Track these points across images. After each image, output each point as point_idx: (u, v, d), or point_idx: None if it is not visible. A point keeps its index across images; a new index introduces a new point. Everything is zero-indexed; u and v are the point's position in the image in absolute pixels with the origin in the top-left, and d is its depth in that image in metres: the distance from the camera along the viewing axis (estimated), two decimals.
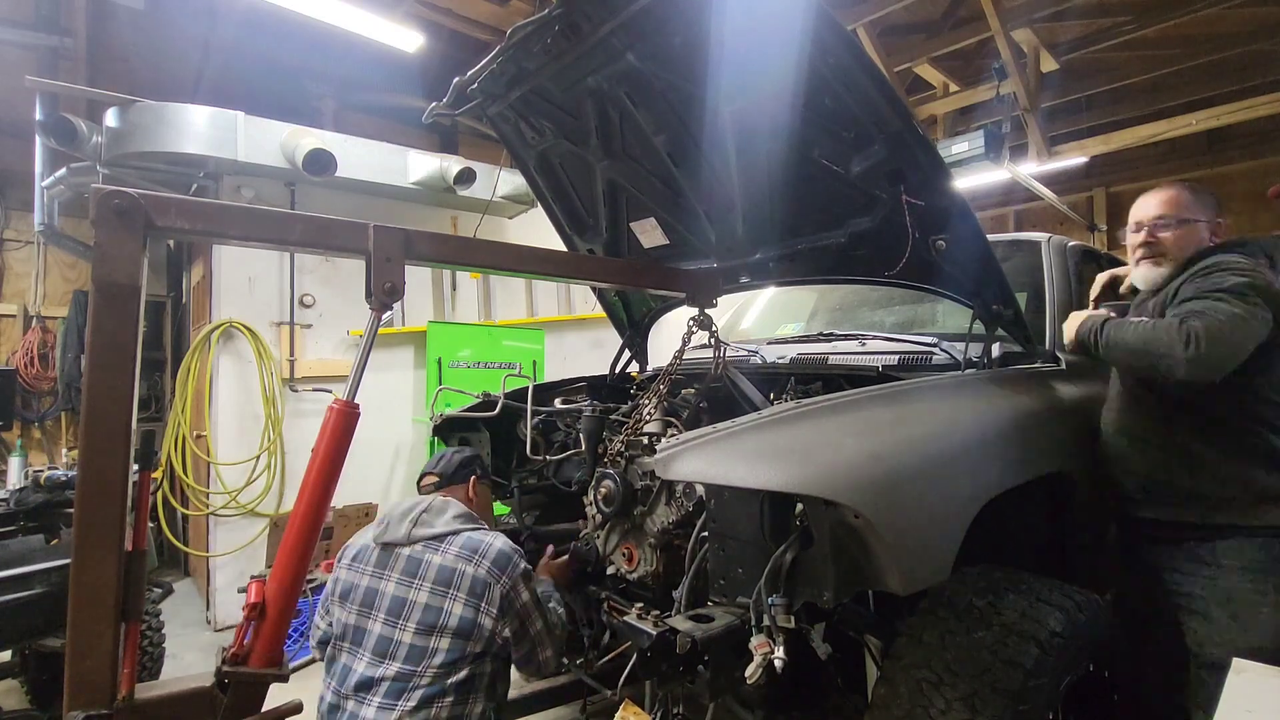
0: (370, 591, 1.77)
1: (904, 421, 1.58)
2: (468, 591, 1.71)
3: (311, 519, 1.56)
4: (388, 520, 1.86)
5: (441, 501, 1.90)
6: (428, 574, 1.74)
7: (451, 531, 1.81)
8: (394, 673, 1.66)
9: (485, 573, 1.73)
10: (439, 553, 1.76)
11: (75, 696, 1.28)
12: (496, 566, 1.74)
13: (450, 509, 1.88)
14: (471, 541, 1.78)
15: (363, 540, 1.90)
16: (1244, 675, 1.25)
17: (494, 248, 1.96)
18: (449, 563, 1.74)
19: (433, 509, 1.86)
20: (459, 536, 1.80)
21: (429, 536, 1.79)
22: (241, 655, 1.53)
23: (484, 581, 1.72)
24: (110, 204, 1.26)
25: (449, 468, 2.06)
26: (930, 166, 1.82)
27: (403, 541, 1.79)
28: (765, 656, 1.25)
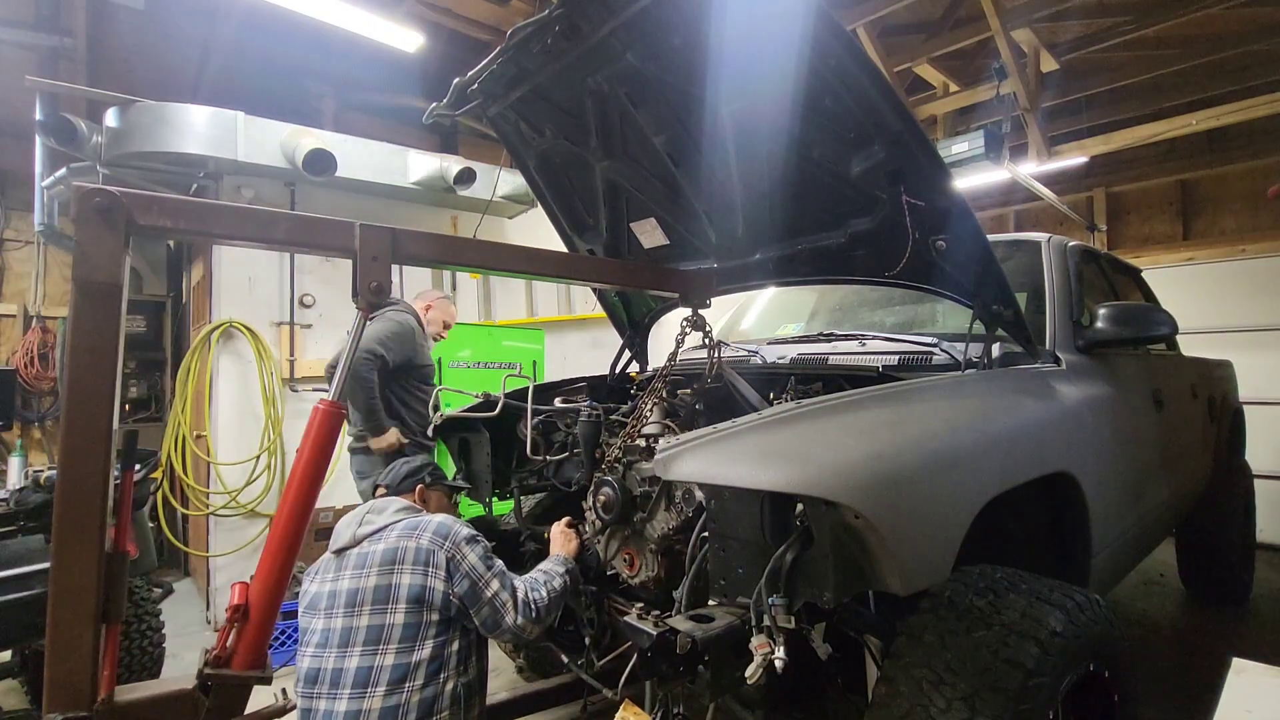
0: (329, 594, 1.82)
1: (904, 422, 1.58)
2: (412, 561, 1.77)
3: (297, 520, 1.56)
4: (337, 531, 1.94)
5: (384, 501, 2.00)
6: (374, 560, 1.79)
7: (394, 522, 1.89)
8: (358, 659, 1.69)
9: (427, 542, 1.80)
10: (381, 540, 1.84)
11: (54, 698, 1.28)
12: (438, 535, 1.81)
13: (392, 505, 1.96)
14: (411, 522, 1.87)
15: (322, 559, 1.97)
16: (1244, 675, 1.25)
17: (485, 247, 1.95)
18: (391, 544, 1.81)
19: (375, 509, 1.95)
20: (399, 524, 1.88)
21: (371, 532, 1.87)
22: (224, 657, 1.53)
23: (426, 549, 1.78)
24: (92, 202, 1.26)
25: (395, 479, 2.15)
26: (930, 167, 1.82)
27: (350, 544, 1.87)
28: (765, 656, 1.25)
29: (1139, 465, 2.49)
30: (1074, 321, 2.42)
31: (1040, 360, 2.17)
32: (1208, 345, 4.64)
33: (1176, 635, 3.85)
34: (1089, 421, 2.10)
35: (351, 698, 1.65)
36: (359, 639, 1.71)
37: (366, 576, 1.78)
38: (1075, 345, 2.35)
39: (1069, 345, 2.33)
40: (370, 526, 1.88)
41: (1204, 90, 5.89)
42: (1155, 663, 3.39)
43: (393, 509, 1.94)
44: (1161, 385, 2.84)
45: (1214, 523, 3.79)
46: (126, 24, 5.53)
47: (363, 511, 1.94)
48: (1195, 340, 4.68)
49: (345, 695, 1.66)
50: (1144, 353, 2.95)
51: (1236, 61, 5.70)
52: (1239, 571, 4.05)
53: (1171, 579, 4.40)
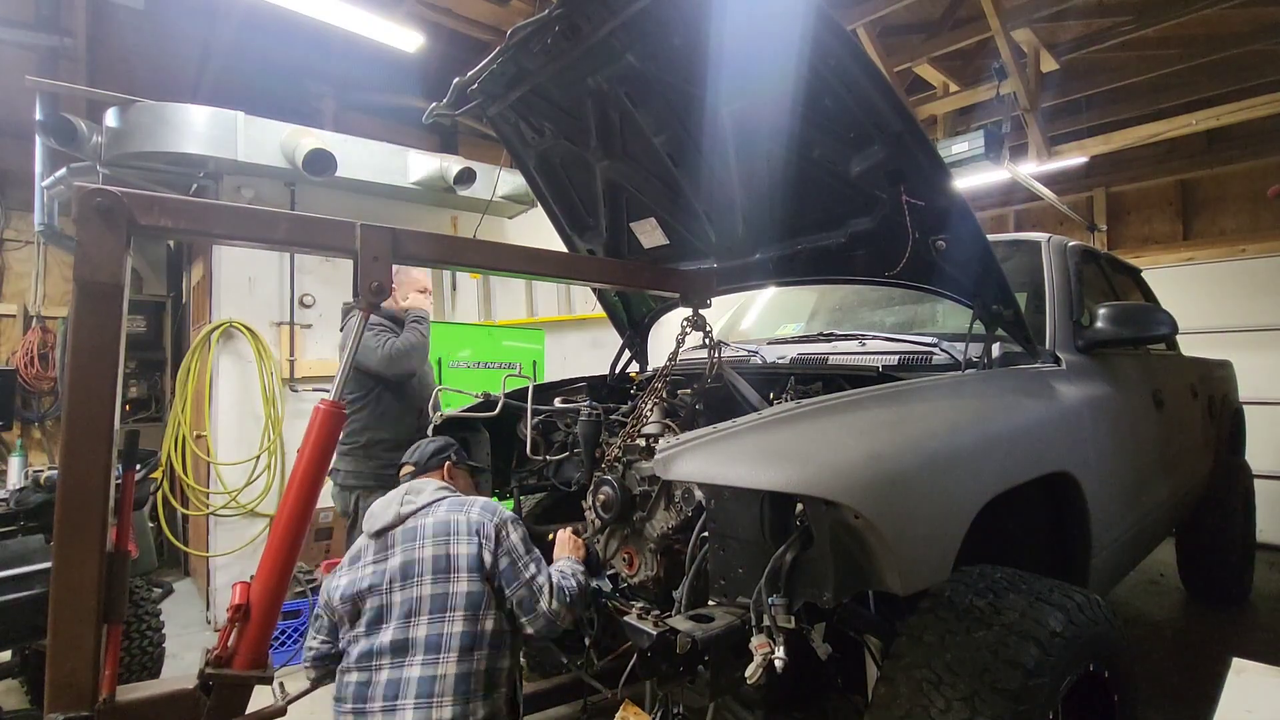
0: (378, 573, 1.81)
1: (904, 421, 1.58)
2: (466, 532, 1.81)
3: (298, 520, 1.56)
4: (373, 514, 1.92)
5: (421, 481, 2.01)
6: (425, 533, 1.82)
7: (438, 499, 1.92)
8: (425, 628, 1.70)
9: (477, 514, 1.85)
10: (430, 514, 1.86)
11: (56, 698, 1.28)
12: (485, 510, 1.87)
13: (430, 484, 1.98)
14: (458, 500, 1.92)
15: (357, 545, 1.94)
16: (1244, 675, 1.25)
17: (484, 247, 1.95)
18: (442, 517, 1.85)
19: (413, 489, 1.96)
20: (445, 500, 1.91)
21: (416, 509, 1.88)
22: (225, 657, 1.53)
23: (477, 521, 1.83)
24: (93, 202, 1.26)
25: (423, 456, 2.14)
26: (930, 167, 1.82)
27: (394, 523, 1.87)
28: (765, 656, 1.25)
29: (1139, 465, 2.49)
30: (1074, 321, 2.42)
31: (1040, 360, 2.17)
32: (1208, 345, 4.64)
33: (1176, 635, 3.85)
34: (1089, 421, 2.10)
35: (425, 663, 1.67)
36: (424, 608, 1.73)
37: (421, 548, 1.79)
38: (1075, 345, 2.35)
39: (1069, 345, 2.33)
40: (413, 505, 1.89)
41: (1204, 90, 5.89)
42: (1155, 663, 3.39)
43: (432, 488, 1.96)
44: (1161, 385, 2.84)
45: (1214, 523, 3.78)
46: (126, 24, 5.53)
47: (400, 492, 1.95)
48: (1195, 340, 4.68)
49: (418, 661, 1.68)
50: (1144, 353, 2.95)
51: (1236, 61, 5.70)
52: (1239, 571, 4.05)
53: (1171, 579, 4.40)
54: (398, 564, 1.79)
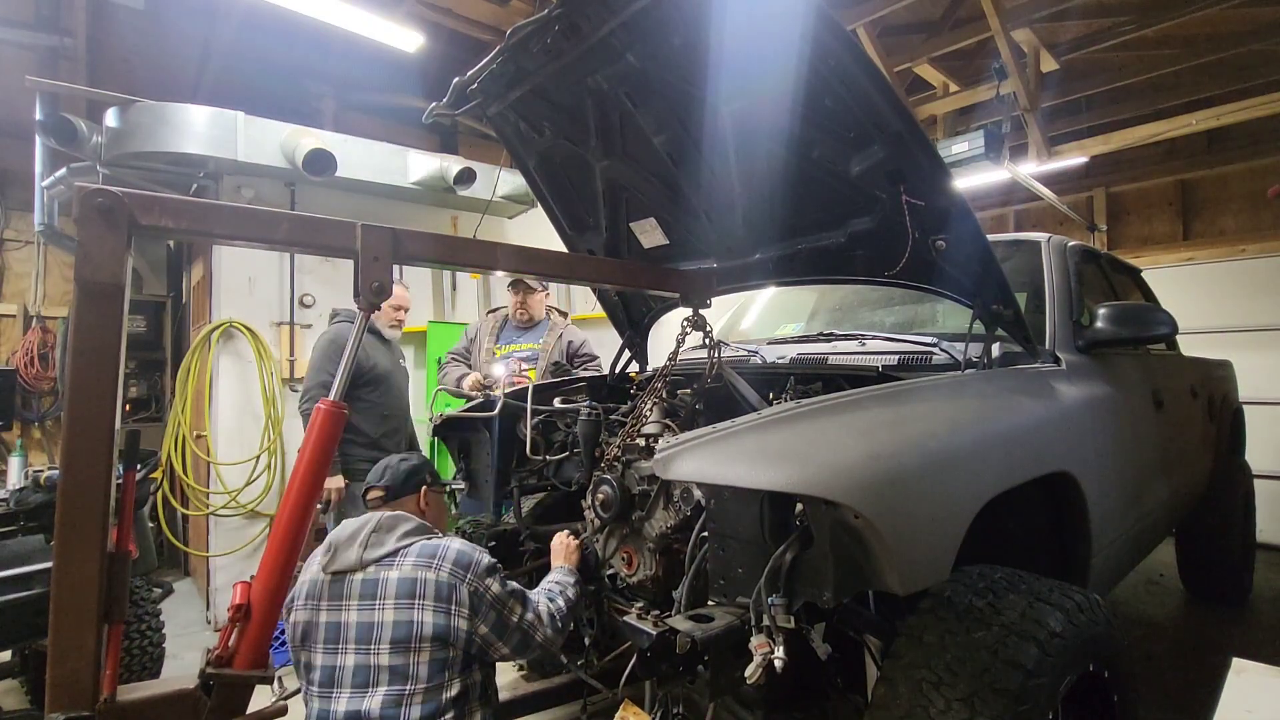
0: (332, 626, 1.67)
1: (904, 421, 1.58)
2: (433, 598, 1.64)
3: (298, 520, 1.56)
4: (334, 547, 1.74)
5: (390, 517, 1.80)
6: (388, 591, 1.65)
7: (405, 545, 1.73)
8: (381, 699, 1.58)
9: (448, 575, 1.67)
10: (395, 568, 1.68)
11: (57, 698, 1.28)
12: (459, 567, 1.68)
13: (400, 524, 1.78)
14: (428, 548, 1.72)
15: (310, 574, 1.78)
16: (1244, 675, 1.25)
17: (486, 247, 1.95)
18: (407, 574, 1.67)
19: (381, 527, 1.76)
20: (413, 547, 1.72)
21: (382, 556, 1.70)
22: (226, 657, 1.53)
23: (448, 584, 1.66)
24: (94, 202, 1.26)
25: (396, 479, 1.96)
26: (930, 167, 1.82)
27: (355, 567, 1.70)
28: (765, 656, 1.25)
29: (1139, 465, 2.49)
30: (1074, 321, 2.42)
31: (1040, 360, 2.17)
32: (1208, 345, 4.64)
33: (1176, 635, 3.85)
34: (1089, 421, 2.10)
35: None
36: (382, 679, 1.60)
37: (382, 610, 1.64)
38: (1075, 345, 2.36)
39: (1069, 345, 2.33)
40: (379, 550, 1.71)
41: (1204, 90, 5.89)
42: (1155, 663, 3.39)
43: (401, 530, 1.76)
44: (1161, 385, 2.84)
45: (1214, 523, 3.78)
46: (126, 24, 5.53)
47: (366, 530, 1.74)
48: (1195, 340, 4.68)
49: None
50: (1144, 353, 2.95)
51: (1236, 61, 5.70)
52: (1239, 571, 4.05)
53: (1171, 579, 4.40)
54: (354, 623, 1.65)
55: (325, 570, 1.73)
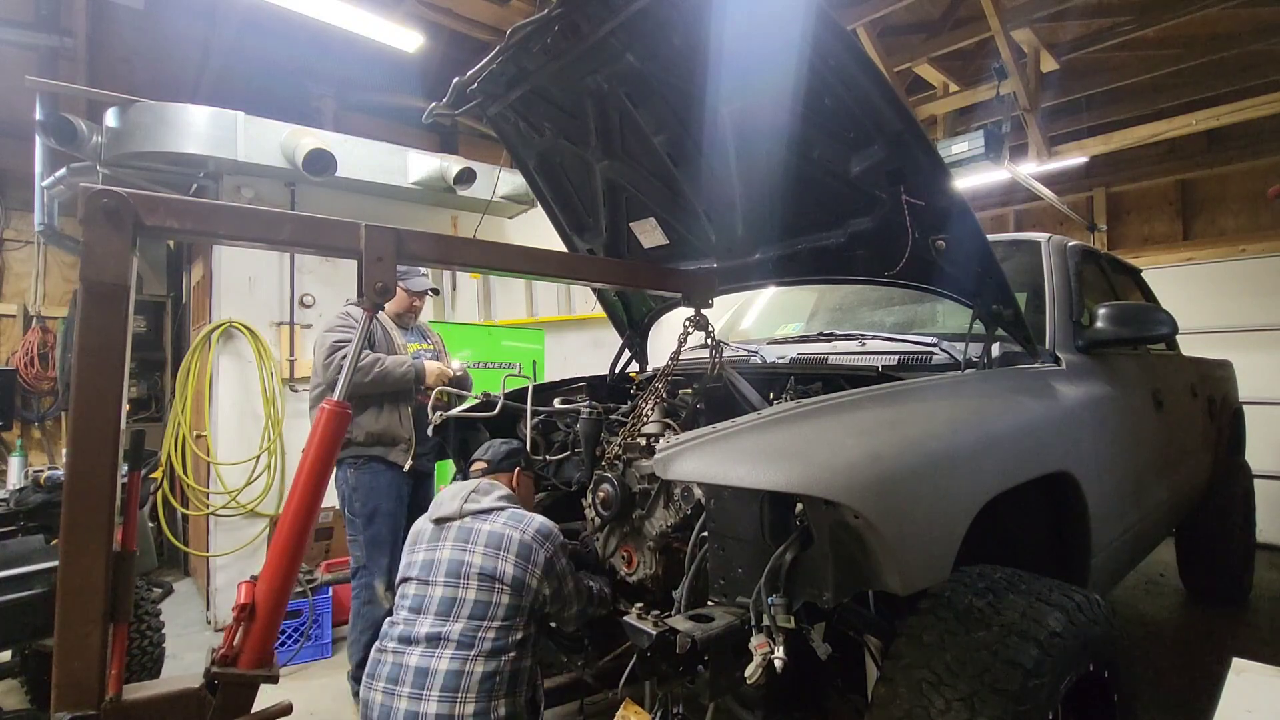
0: (427, 562, 1.92)
1: (904, 421, 1.58)
2: (516, 553, 1.88)
3: (302, 520, 1.55)
4: (440, 501, 2.05)
5: (489, 483, 2.09)
6: (479, 539, 1.91)
7: (498, 507, 2.00)
8: (461, 627, 1.80)
9: (530, 538, 1.91)
10: (488, 521, 1.95)
11: (62, 697, 1.27)
12: (540, 533, 1.94)
13: (496, 489, 2.07)
14: (517, 515, 1.99)
15: (415, 526, 2.09)
16: (1244, 675, 1.25)
17: (487, 247, 1.96)
18: (498, 529, 1.92)
19: (481, 489, 2.05)
20: (505, 511, 1.99)
21: (478, 510, 1.98)
22: (231, 656, 1.52)
23: (529, 545, 1.90)
24: (99, 203, 1.26)
25: (496, 455, 2.22)
26: (930, 166, 1.82)
27: (455, 515, 1.97)
28: (765, 656, 1.25)
29: (1139, 465, 2.49)
30: (1074, 321, 2.42)
31: (1040, 360, 2.17)
32: (1208, 345, 4.64)
33: (1176, 635, 3.85)
34: (1089, 421, 2.10)
35: (454, 658, 1.76)
36: (464, 611, 1.82)
37: (472, 552, 1.88)
38: (1075, 345, 2.36)
39: (1069, 345, 2.34)
40: (476, 504, 1.98)
41: (1204, 90, 5.89)
42: (1155, 663, 3.39)
43: (496, 494, 2.04)
44: (1161, 385, 2.84)
45: (1214, 523, 3.78)
46: (126, 24, 5.53)
47: (467, 488, 2.03)
48: (1195, 340, 4.68)
49: (448, 655, 1.77)
50: (1144, 353, 2.95)
51: (1236, 61, 5.70)
52: (1239, 571, 4.05)
53: (1171, 579, 4.40)
54: (446, 558, 1.90)
55: (429, 519, 2.03)
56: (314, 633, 3.70)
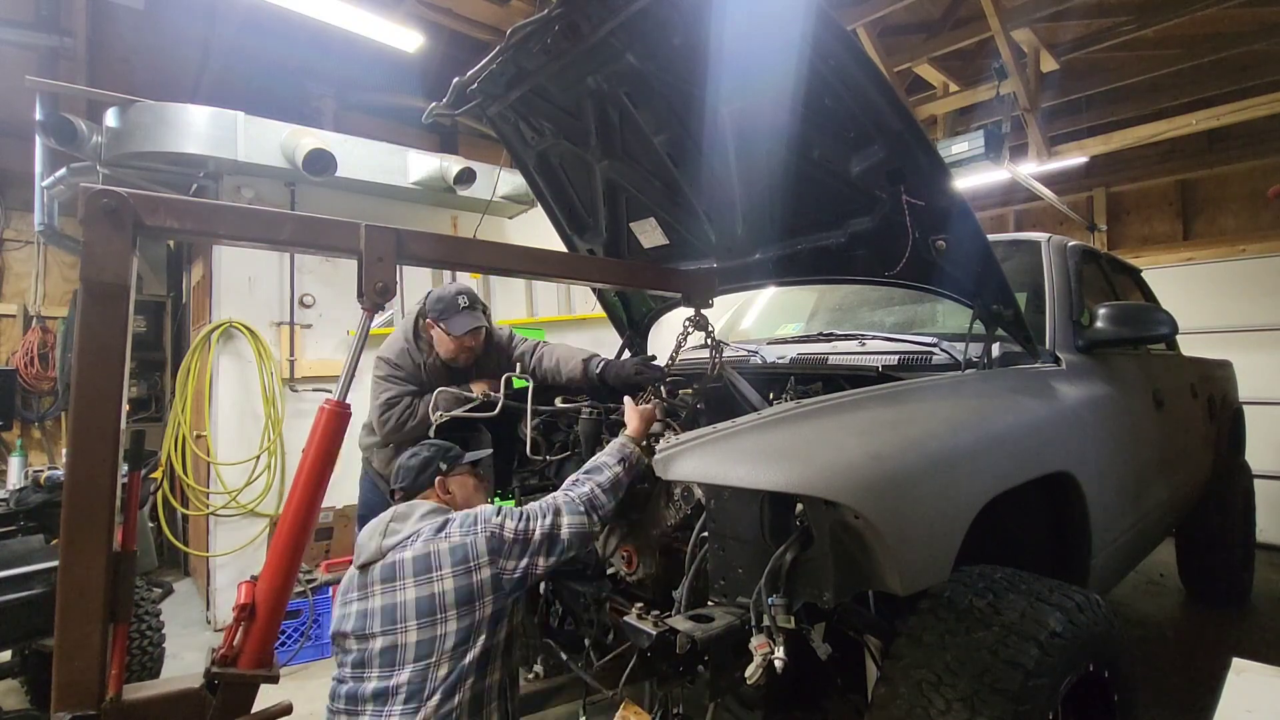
0: (361, 613, 1.70)
1: (904, 422, 1.58)
2: (450, 564, 1.66)
3: (302, 519, 1.56)
4: (360, 545, 1.81)
5: (406, 506, 1.85)
6: (406, 571, 1.68)
7: (418, 529, 1.76)
8: (408, 675, 1.61)
9: (459, 536, 1.68)
10: (409, 548, 1.71)
11: (62, 697, 1.28)
12: (463, 526, 1.71)
13: (417, 509, 1.82)
14: (436, 524, 1.75)
15: (347, 575, 1.84)
16: (1244, 675, 1.25)
17: (488, 248, 1.96)
18: (420, 551, 1.69)
19: (398, 515, 1.81)
20: (425, 528, 1.75)
21: (397, 542, 1.74)
22: (231, 656, 1.53)
23: (460, 544, 1.67)
24: (99, 203, 1.26)
25: (408, 477, 1.96)
26: (930, 166, 1.82)
27: (375, 557, 1.74)
28: (765, 656, 1.25)
29: (1139, 465, 2.49)
30: (1074, 321, 2.42)
31: (1040, 360, 2.17)
32: (1208, 345, 4.64)
33: (1176, 635, 3.85)
34: (1089, 421, 2.10)
35: (404, 712, 1.58)
36: (408, 656, 1.62)
37: (403, 589, 1.66)
38: (1075, 345, 2.36)
39: (1069, 345, 2.33)
40: (395, 536, 1.75)
41: (1204, 90, 5.89)
42: (1155, 663, 3.39)
43: (417, 514, 1.80)
44: (1161, 385, 2.84)
45: (1214, 523, 3.78)
46: (126, 24, 5.53)
47: (385, 520, 1.80)
48: (1195, 340, 4.68)
49: (397, 710, 1.59)
50: (1144, 353, 2.95)
51: (1236, 61, 5.70)
52: (1239, 571, 4.05)
53: (1171, 579, 4.40)
54: (378, 607, 1.68)
55: (355, 566, 1.79)
56: (314, 633, 3.70)
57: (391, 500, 1.98)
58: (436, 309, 2.69)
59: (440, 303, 2.68)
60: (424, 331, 2.77)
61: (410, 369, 2.71)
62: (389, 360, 2.71)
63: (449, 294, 2.70)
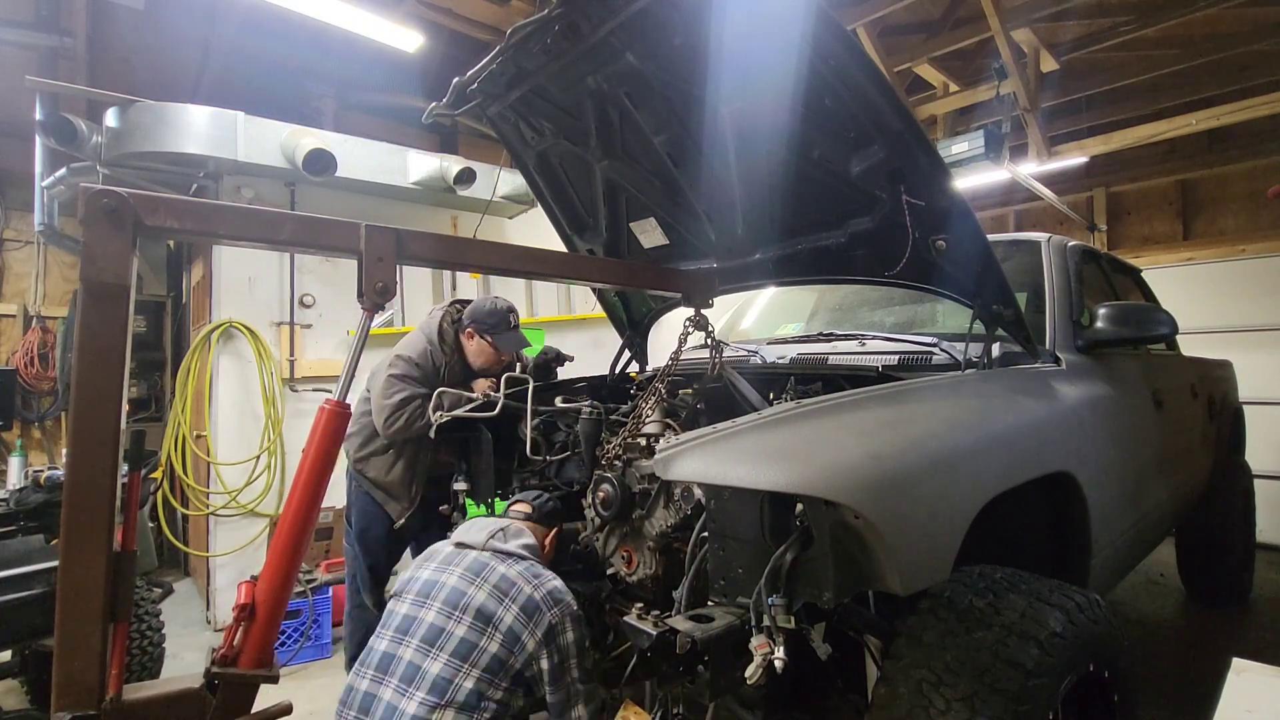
0: (430, 583, 1.81)
1: (904, 421, 1.58)
2: (521, 606, 1.75)
3: (302, 520, 1.56)
4: (467, 527, 1.96)
5: (520, 528, 1.98)
6: (490, 577, 1.79)
7: (520, 554, 1.88)
8: (441, 666, 1.66)
9: (541, 598, 1.77)
10: (504, 564, 1.83)
11: (62, 697, 1.28)
12: (552, 596, 1.80)
13: (525, 536, 1.95)
14: (535, 569, 1.85)
15: (434, 546, 1.98)
16: (1244, 675, 1.25)
17: (488, 248, 1.96)
18: (511, 575, 1.80)
19: (511, 530, 1.94)
20: (524, 561, 1.87)
21: (501, 550, 1.87)
22: (231, 656, 1.53)
23: (536, 604, 1.76)
24: (99, 203, 1.26)
25: (542, 508, 2.09)
26: (930, 166, 1.82)
27: (477, 545, 1.87)
28: (765, 657, 1.25)
29: (1139, 465, 2.49)
30: (1074, 321, 2.42)
31: (1040, 360, 2.17)
32: (1208, 345, 4.64)
33: (1176, 635, 3.85)
34: (1089, 421, 2.10)
35: (422, 703, 1.62)
36: (449, 646, 1.69)
37: (478, 587, 1.76)
38: (1075, 345, 2.36)
39: (1069, 345, 2.34)
40: (501, 543, 1.88)
41: (1204, 90, 5.89)
42: (1155, 663, 3.39)
43: (522, 541, 1.92)
44: (1161, 385, 2.84)
45: (1214, 523, 3.78)
46: (126, 24, 5.52)
47: (497, 525, 1.94)
48: (1195, 340, 4.68)
49: (417, 698, 1.63)
50: (1144, 353, 2.95)
51: (1236, 61, 5.70)
52: (1239, 571, 4.05)
53: (1171, 579, 4.40)
54: (450, 584, 1.78)
55: (452, 541, 1.93)
56: (314, 633, 3.70)
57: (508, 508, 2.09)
58: (488, 323, 2.79)
59: (493, 317, 2.79)
60: (455, 338, 2.84)
61: (429, 370, 2.75)
62: (410, 359, 2.72)
63: (501, 310, 2.82)
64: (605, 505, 1.92)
